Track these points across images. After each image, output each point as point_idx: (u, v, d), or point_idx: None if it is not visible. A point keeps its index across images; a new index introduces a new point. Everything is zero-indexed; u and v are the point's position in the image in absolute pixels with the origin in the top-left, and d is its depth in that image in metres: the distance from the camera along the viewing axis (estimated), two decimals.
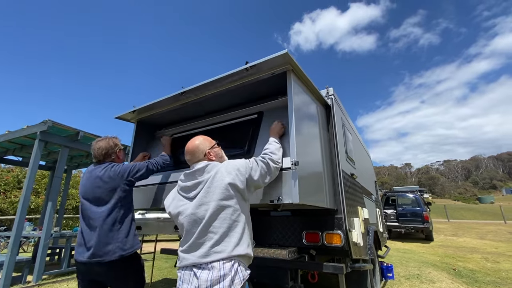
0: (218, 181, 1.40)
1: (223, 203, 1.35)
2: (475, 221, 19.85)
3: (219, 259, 1.27)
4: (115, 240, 1.74)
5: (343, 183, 2.55)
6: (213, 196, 1.37)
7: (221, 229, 1.33)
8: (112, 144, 2.02)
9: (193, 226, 1.37)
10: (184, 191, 1.49)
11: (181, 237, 1.49)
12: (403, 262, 6.22)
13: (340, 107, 3.11)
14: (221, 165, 1.51)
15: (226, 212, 1.36)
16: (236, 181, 1.41)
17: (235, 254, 1.29)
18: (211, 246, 1.29)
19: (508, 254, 8.06)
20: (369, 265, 2.78)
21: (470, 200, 52.53)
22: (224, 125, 2.43)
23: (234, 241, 1.32)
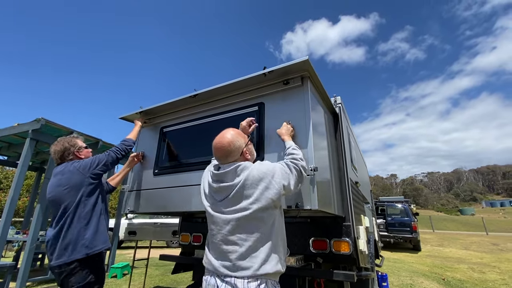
0: (250, 187, 1.25)
1: (252, 212, 1.22)
2: (459, 232, 20.43)
3: (243, 276, 1.15)
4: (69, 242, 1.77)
5: (352, 192, 2.58)
6: (242, 203, 1.24)
7: (248, 242, 1.20)
8: (67, 145, 2.02)
9: (218, 230, 1.27)
10: (212, 191, 1.37)
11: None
12: (394, 271, 6.29)
13: (346, 116, 3.16)
14: (253, 167, 1.32)
15: (255, 223, 1.23)
16: (270, 188, 1.26)
17: (262, 273, 1.16)
18: (236, 259, 1.18)
19: (493, 264, 8.30)
20: (373, 274, 2.79)
21: (452, 212, 54.14)
22: (224, 118, 2.30)
23: (261, 257, 1.19)
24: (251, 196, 1.24)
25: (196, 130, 2.43)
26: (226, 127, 2.26)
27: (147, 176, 2.57)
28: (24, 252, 4.41)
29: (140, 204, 2.52)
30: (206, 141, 2.32)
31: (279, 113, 2.03)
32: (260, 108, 2.14)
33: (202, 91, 2.29)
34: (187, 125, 2.50)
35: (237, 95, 2.28)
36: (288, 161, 1.48)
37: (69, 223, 1.78)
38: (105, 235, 1.91)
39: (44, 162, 7.04)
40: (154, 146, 2.65)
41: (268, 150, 1.98)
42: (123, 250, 9.81)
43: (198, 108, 2.47)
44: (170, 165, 2.46)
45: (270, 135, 2.01)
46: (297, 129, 1.89)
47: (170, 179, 2.40)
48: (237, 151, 1.39)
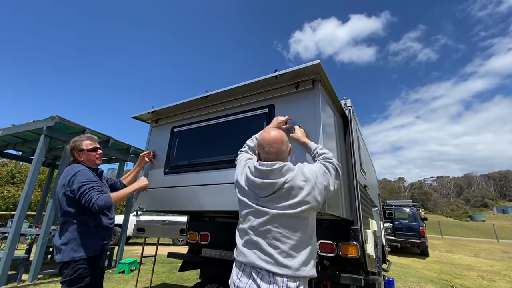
0: (295, 187, 1.26)
1: (296, 211, 1.23)
2: (468, 239, 19.99)
3: (283, 274, 1.16)
4: (60, 242, 1.84)
5: (360, 195, 2.57)
6: (286, 201, 1.25)
7: (291, 240, 1.21)
8: (73, 145, 2.08)
9: (260, 224, 1.25)
10: (253, 186, 1.35)
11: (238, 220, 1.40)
12: (401, 276, 6.21)
13: (356, 119, 3.15)
14: (298, 168, 1.34)
15: (298, 223, 1.24)
16: (315, 189, 1.29)
17: (301, 275, 1.18)
18: (278, 254, 1.19)
19: (503, 273, 8.10)
20: (380, 278, 2.77)
21: (462, 217, 52.97)
22: (234, 119, 2.33)
23: (302, 257, 1.21)
24: (297, 195, 1.26)
25: (207, 131, 2.47)
26: (236, 129, 2.31)
27: (157, 175, 2.63)
28: (37, 245, 4.54)
29: (151, 202, 2.57)
30: (217, 142, 2.36)
31: (289, 115, 2.04)
32: (271, 110, 2.16)
33: (213, 92, 2.33)
34: (198, 125, 2.54)
35: (248, 96, 2.31)
36: (323, 161, 1.50)
37: (61, 225, 1.89)
38: (85, 244, 1.84)
39: (57, 158, 7.23)
40: (165, 146, 2.70)
41: None
42: (130, 246, 9.97)
43: (209, 109, 2.51)
44: (180, 165, 2.50)
45: None
46: (307, 132, 1.90)
47: (180, 178, 2.44)
48: (286, 152, 1.43)
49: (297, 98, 2.07)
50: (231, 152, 2.13)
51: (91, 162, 2.09)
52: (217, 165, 2.26)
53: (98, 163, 2.15)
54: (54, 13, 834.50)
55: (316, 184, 1.30)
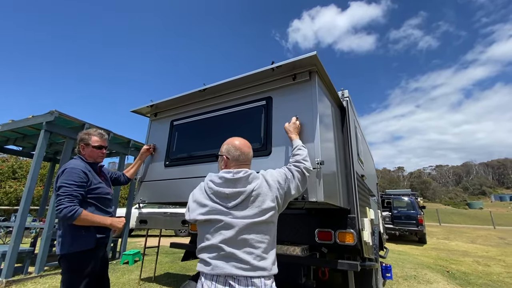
0: (262, 195, 1.34)
1: (265, 218, 1.30)
2: (466, 226, 20.30)
3: (260, 276, 1.22)
4: (58, 235, 1.90)
5: (357, 185, 2.62)
6: (255, 209, 1.30)
7: (263, 244, 1.28)
8: (81, 137, 2.12)
9: (230, 238, 1.27)
10: (220, 198, 1.35)
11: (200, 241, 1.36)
12: (399, 263, 6.37)
13: (353, 109, 3.18)
14: (261, 176, 1.43)
15: (267, 228, 1.31)
16: (278, 196, 1.38)
17: (272, 273, 1.27)
18: (254, 260, 1.23)
19: (498, 258, 8.29)
20: (377, 264, 2.86)
21: (460, 205, 53.64)
22: (232, 112, 2.36)
23: (272, 258, 1.30)
24: (264, 202, 1.32)
25: (206, 124, 2.50)
26: (235, 121, 2.34)
27: (158, 167, 2.67)
28: (42, 238, 4.63)
29: (152, 194, 2.63)
30: (215, 135, 2.40)
31: (287, 108, 2.07)
32: (268, 102, 2.18)
33: (211, 85, 2.35)
34: (197, 118, 2.56)
35: (245, 89, 2.33)
36: (291, 165, 1.60)
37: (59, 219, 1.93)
38: (79, 237, 1.87)
39: (58, 153, 7.26)
40: (165, 139, 2.73)
41: (275, 144, 2.03)
42: (133, 238, 10.14)
43: (207, 102, 2.53)
44: (180, 157, 2.54)
45: (278, 129, 2.06)
46: (304, 124, 1.93)
47: (181, 170, 2.48)
48: (251, 159, 1.55)
49: (294, 89, 2.09)
50: None
51: (92, 158, 2.12)
52: (217, 157, 2.29)
53: (99, 161, 2.18)
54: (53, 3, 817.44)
55: (278, 190, 1.39)
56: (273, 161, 1.99)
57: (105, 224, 1.95)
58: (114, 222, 2.00)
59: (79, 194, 1.87)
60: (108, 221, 1.97)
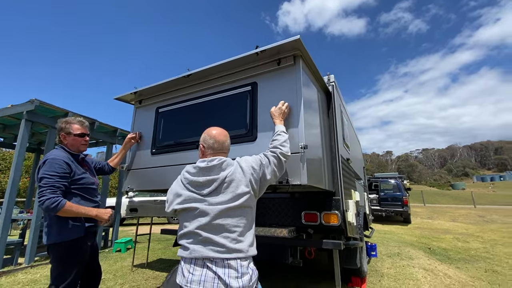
0: (235, 180, 1.38)
1: (239, 203, 1.34)
2: (448, 206, 21.26)
3: (236, 257, 1.27)
4: (45, 225, 1.90)
5: (342, 168, 2.69)
6: (229, 195, 1.35)
7: (239, 228, 1.33)
8: (61, 126, 2.05)
9: (208, 221, 1.32)
10: (195, 186, 1.41)
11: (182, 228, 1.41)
12: (384, 242, 6.67)
13: (339, 94, 3.20)
14: (236, 162, 1.47)
15: (242, 212, 1.36)
16: (252, 181, 1.42)
17: (250, 255, 1.32)
18: (230, 243, 1.29)
19: (477, 235, 8.79)
20: (361, 243, 3.00)
21: (444, 187, 55.93)
22: (218, 98, 2.34)
23: (249, 240, 1.34)
24: (238, 188, 1.37)
25: (191, 110, 2.48)
26: (220, 107, 2.33)
27: (145, 155, 2.66)
28: (30, 229, 4.59)
29: (139, 182, 2.63)
30: (201, 121, 2.39)
31: (272, 93, 2.08)
32: (253, 88, 2.18)
33: (196, 71, 2.31)
34: (182, 105, 2.54)
35: (230, 74, 2.31)
36: (268, 151, 1.64)
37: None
38: (67, 227, 1.86)
39: (42, 143, 7.06)
40: (150, 126, 2.70)
41: (261, 129, 2.04)
42: (125, 227, 10.17)
43: (192, 88, 2.50)
44: (166, 145, 2.53)
45: (263, 115, 2.07)
46: (289, 109, 1.95)
47: (167, 158, 2.48)
48: (227, 148, 1.59)
49: (279, 74, 2.09)
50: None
51: (75, 147, 2.06)
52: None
53: (82, 150, 2.12)
54: None
55: (252, 175, 1.43)
56: (258, 147, 2.01)
57: (91, 215, 1.92)
58: (100, 213, 1.96)
59: (62, 185, 1.83)
60: (94, 212, 1.94)
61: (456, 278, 4.60)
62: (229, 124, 2.20)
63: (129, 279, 3.82)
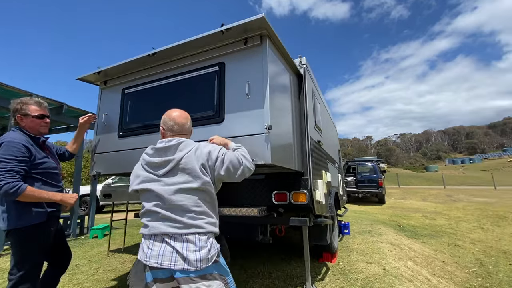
0: (191, 162, 1.37)
1: (195, 185, 1.35)
2: (421, 187, 22.55)
3: (194, 232, 1.30)
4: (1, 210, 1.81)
5: (311, 149, 2.76)
6: (185, 177, 1.35)
7: (197, 208, 1.35)
8: (16, 107, 1.93)
9: (163, 203, 1.35)
10: (151, 167, 1.43)
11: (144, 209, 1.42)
12: (358, 221, 7.03)
13: (312, 77, 3.23)
14: (194, 146, 1.45)
15: (199, 194, 1.37)
16: (207, 167, 1.40)
17: (210, 230, 1.35)
18: (187, 220, 1.31)
19: (444, 212, 9.47)
20: (329, 221, 3.14)
21: (418, 169, 59.07)
22: (185, 78, 2.29)
23: (209, 219, 1.37)
24: (195, 170, 1.36)
25: (158, 91, 2.41)
26: (187, 88, 2.29)
27: (112, 138, 2.58)
28: None
29: (108, 166, 2.57)
30: (169, 102, 2.33)
31: (239, 73, 2.06)
32: (221, 68, 2.14)
33: (161, 49, 2.23)
34: (149, 86, 2.46)
35: (198, 54, 2.25)
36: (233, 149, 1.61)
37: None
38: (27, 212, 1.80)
39: (5, 128, 6.64)
40: (117, 108, 2.61)
41: (228, 110, 2.04)
42: (104, 215, 9.98)
43: (159, 69, 2.42)
44: (134, 127, 2.47)
45: (231, 96, 2.06)
46: (255, 89, 1.94)
47: (135, 140, 2.43)
48: (188, 130, 1.58)
49: (246, 54, 2.07)
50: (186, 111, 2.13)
51: (34, 129, 1.94)
52: None
53: (42, 132, 2.00)
54: None
55: (207, 161, 1.40)
56: (226, 128, 2.01)
57: (55, 200, 1.86)
58: (65, 198, 1.90)
59: (22, 170, 1.74)
60: (58, 197, 1.87)
61: (420, 251, 4.97)
62: (196, 106, 2.18)
63: (104, 264, 3.81)
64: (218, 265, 1.35)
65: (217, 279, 1.33)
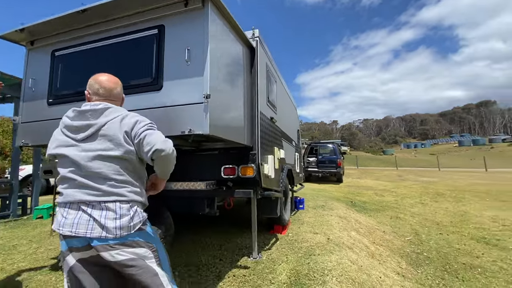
0: (114, 130, 1.28)
1: (116, 153, 1.27)
2: (377, 168, 24.49)
3: (115, 200, 1.23)
4: None
5: (260, 124, 2.78)
6: (106, 144, 1.27)
7: (119, 177, 1.28)
8: None
9: (80, 170, 1.25)
10: (70, 130, 1.32)
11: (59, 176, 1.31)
12: (314, 197, 7.44)
13: (266, 52, 3.18)
14: (122, 113, 1.34)
15: (121, 163, 1.29)
16: (130, 136, 1.30)
17: (134, 199, 1.29)
18: (107, 187, 1.24)
19: (392, 190, 10.41)
20: (278, 194, 3.26)
21: (377, 153, 63.69)
22: (122, 41, 2.10)
23: (132, 189, 1.31)
24: (117, 138, 1.27)
25: (93, 54, 2.19)
26: (124, 52, 2.11)
27: (41, 106, 2.33)
28: None
29: (36, 136, 2.33)
30: (104, 67, 2.13)
31: (180, 37, 1.94)
32: (160, 31, 2.00)
33: (92, 5, 2.00)
34: (82, 48, 2.22)
35: (135, 15, 2.06)
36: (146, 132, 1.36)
37: None
38: None
39: None
40: (46, 72, 2.34)
41: (167, 77, 1.93)
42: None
43: (93, 29, 2.18)
44: (65, 94, 2.24)
45: (170, 62, 1.94)
46: (195, 55, 1.85)
47: (67, 108, 2.18)
48: (117, 96, 1.46)
49: (187, 18, 1.94)
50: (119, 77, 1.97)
51: None
52: None
53: None
54: None
55: (132, 130, 1.30)
56: (164, 96, 1.91)
57: None
58: None
59: None
60: None
61: (365, 223, 5.45)
62: (133, 72, 2.04)
63: (45, 243, 3.59)
64: (143, 233, 1.32)
65: (142, 246, 1.30)
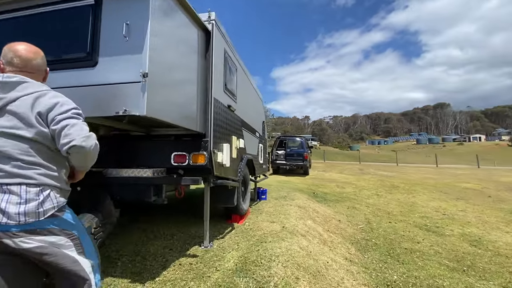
0: (23, 107, 1.16)
1: (25, 134, 1.15)
2: (342, 162, 25.71)
3: (20, 183, 1.12)
4: None
5: (214, 111, 2.71)
6: (14, 121, 1.15)
7: (28, 158, 1.16)
8: None
9: None
10: None
11: None
12: (279, 188, 7.60)
13: (224, 37, 3.09)
14: (39, 90, 1.21)
15: (31, 144, 1.17)
16: (43, 117, 1.18)
17: (44, 183, 1.17)
18: (10, 168, 1.12)
19: (353, 183, 10.99)
20: (235, 184, 3.24)
21: (344, 148, 66.84)
22: (52, 10, 1.91)
23: (44, 171, 1.19)
24: (27, 117, 1.15)
25: (20, 24, 1.95)
26: (57, 23, 1.90)
27: None
28: None
29: None
30: (33, 38, 1.91)
31: (119, 10, 1.79)
32: (98, 1, 1.82)
33: None
34: (9, 16, 1.96)
35: None
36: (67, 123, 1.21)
37: None
38: None
39: None
40: None
41: (103, 53, 1.78)
42: None
43: None
44: None
45: (107, 36, 1.79)
46: (135, 30, 1.73)
47: None
48: (36, 68, 1.30)
49: None
50: (50, 50, 1.77)
51: None
52: None
53: None
54: None
55: (47, 112, 1.19)
56: (99, 73, 1.76)
57: None
58: None
59: None
60: None
61: (322, 212, 5.68)
62: (66, 45, 1.86)
63: None
64: (59, 220, 1.21)
65: (57, 234, 1.19)
